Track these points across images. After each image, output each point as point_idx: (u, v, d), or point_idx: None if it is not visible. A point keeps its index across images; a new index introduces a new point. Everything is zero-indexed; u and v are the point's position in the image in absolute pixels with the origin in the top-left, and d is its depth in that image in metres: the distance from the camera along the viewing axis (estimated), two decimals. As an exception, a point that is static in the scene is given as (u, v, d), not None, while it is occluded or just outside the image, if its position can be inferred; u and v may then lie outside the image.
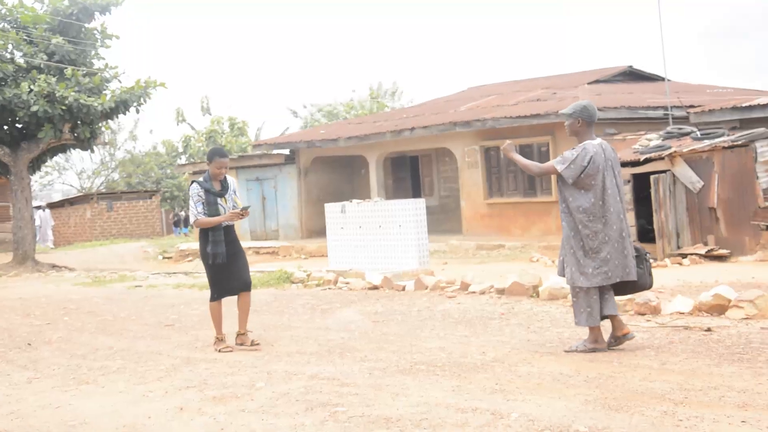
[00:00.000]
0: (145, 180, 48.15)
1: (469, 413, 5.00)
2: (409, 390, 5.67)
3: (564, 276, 6.91)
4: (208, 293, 13.32)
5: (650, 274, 7.00)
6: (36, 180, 49.56)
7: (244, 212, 7.64)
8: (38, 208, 36.07)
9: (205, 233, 7.74)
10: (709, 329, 7.26)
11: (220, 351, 7.63)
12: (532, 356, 6.63)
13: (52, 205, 38.55)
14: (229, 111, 64.19)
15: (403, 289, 11.36)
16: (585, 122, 6.88)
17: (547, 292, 9.48)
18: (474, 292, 10.35)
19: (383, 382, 5.93)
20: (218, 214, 7.69)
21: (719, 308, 7.92)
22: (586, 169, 6.67)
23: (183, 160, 46.60)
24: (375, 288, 11.89)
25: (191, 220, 7.78)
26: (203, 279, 15.34)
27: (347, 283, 12.28)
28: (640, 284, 6.98)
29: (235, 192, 7.92)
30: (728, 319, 7.72)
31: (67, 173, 50.43)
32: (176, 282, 15.11)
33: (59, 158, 47.36)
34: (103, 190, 45.02)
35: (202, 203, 7.67)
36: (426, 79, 79.65)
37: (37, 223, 33.77)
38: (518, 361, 6.46)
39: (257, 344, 7.76)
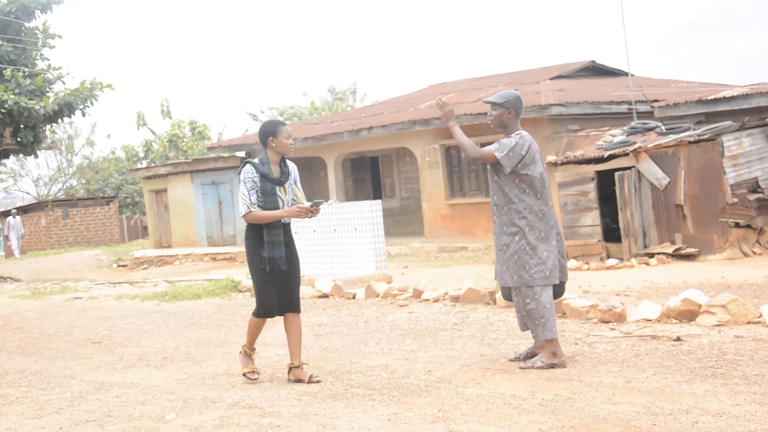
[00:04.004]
0: (105, 186, 47.01)
1: (403, 450, 4.28)
2: (340, 420, 4.94)
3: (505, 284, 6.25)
4: (150, 304, 12.73)
5: (565, 280, 6.41)
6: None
7: (315, 209, 5.97)
8: (7, 214, 34.56)
9: (258, 231, 6.05)
10: (678, 339, 6.59)
11: (245, 376, 6.21)
12: (483, 375, 5.91)
13: (2, 215, 37.32)
14: (189, 114, 63.13)
15: (354, 297, 10.63)
16: (515, 113, 6.25)
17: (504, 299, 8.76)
18: (427, 300, 9.64)
19: (311, 411, 5.19)
20: (275, 208, 6.02)
21: (689, 314, 7.28)
22: (524, 158, 6.07)
23: (144, 164, 45.50)
24: (325, 296, 11.16)
25: (242, 210, 5.98)
26: (148, 289, 14.54)
27: (296, 291, 11.51)
28: (559, 291, 6.37)
29: (296, 182, 6.23)
30: (699, 326, 7.07)
31: (23, 180, 49.11)
32: (119, 293, 14.26)
33: (14, 165, 46.21)
34: (62, 197, 43.83)
35: (256, 191, 6.00)
36: (388, 79, 79.04)
37: (5, 231, 32.27)
38: (467, 381, 5.74)
39: (317, 379, 6.05)
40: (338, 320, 9.03)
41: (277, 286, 6.07)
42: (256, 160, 6.09)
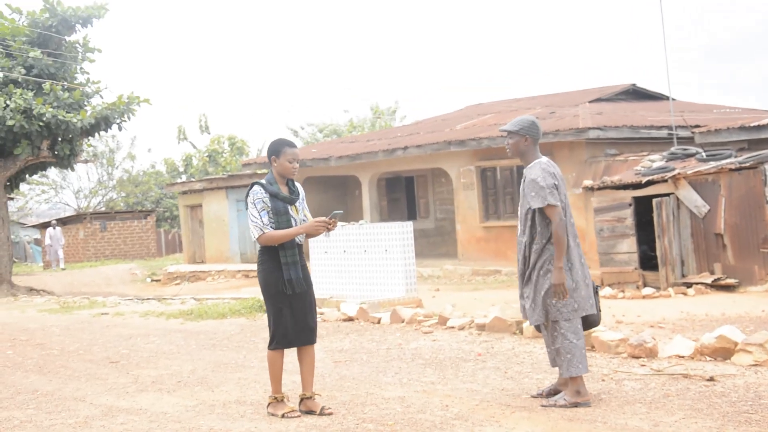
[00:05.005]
0: (144, 200, 47.31)
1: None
2: (347, 458, 4.69)
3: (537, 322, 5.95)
4: (175, 323, 12.58)
5: (600, 309, 6.08)
6: (32, 198, 48.89)
7: (332, 222, 5.71)
8: (47, 225, 34.73)
9: (273, 253, 5.77)
10: (711, 379, 6.25)
11: (283, 417, 5.75)
12: (502, 412, 5.63)
13: (42, 226, 37.65)
14: (231, 129, 63.47)
15: (379, 321, 10.39)
16: (532, 140, 5.98)
17: (532, 330, 8.47)
18: (453, 328, 9.36)
19: (318, 447, 4.96)
20: (289, 227, 5.80)
21: (724, 352, 6.93)
22: (557, 187, 5.82)
23: (183, 179, 45.70)
24: (350, 319, 10.93)
25: (254, 233, 5.75)
26: (175, 306, 14.42)
27: (321, 313, 11.30)
28: (594, 320, 6.05)
29: (303, 199, 6.04)
30: (734, 365, 6.72)
31: (64, 192, 49.60)
32: (146, 309, 14.15)
33: (56, 176, 46.70)
34: (101, 210, 44.17)
35: (268, 212, 5.78)
36: (428, 100, 78.82)
37: (47, 242, 32.50)
38: (484, 418, 5.47)
39: (329, 411, 5.83)
40: (360, 346, 8.79)
41: (294, 313, 5.79)
42: (263, 181, 5.89)
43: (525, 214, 5.94)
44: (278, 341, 5.81)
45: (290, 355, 8.15)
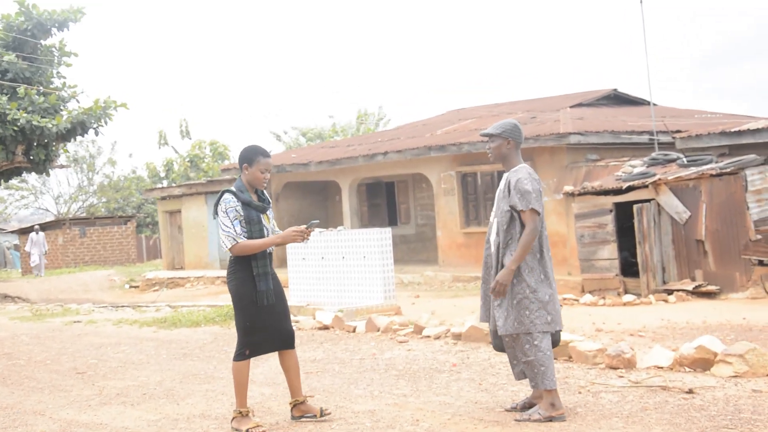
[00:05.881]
0: (126, 205, 46.89)
1: None
2: (310, 477, 4.49)
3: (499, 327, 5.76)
4: (147, 331, 12.32)
5: (560, 329, 5.93)
6: (11, 203, 48.35)
7: (308, 232, 5.56)
8: (27, 230, 33.94)
9: (246, 264, 5.60)
10: (690, 391, 6.08)
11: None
12: (474, 426, 5.44)
13: (21, 231, 37.18)
14: (213, 134, 63.11)
15: (354, 330, 10.18)
16: (514, 143, 5.80)
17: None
18: (428, 337, 9.15)
19: (281, 465, 4.75)
20: (262, 236, 5.62)
21: (703, 363, 6.76)
22: (540, 194, 5.67)
23: (165, 184, 45.30)
24: (325, 328, 10.71)
25: (226, 243, 5.56)
26: (149, 314, 14.16)
27: (297, 321, 11.09)
28: (556, 339, 5.87)
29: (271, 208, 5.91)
30: (714, 376, 6.56)
31: (44, 197, 49.10)
32: (119, 317, 13.88)
33: (36, 182, 46.19)
34: (81, 215, 43.73)
35: (240, 221, 5.58)
36: (411, 104, 78.81)
37: (28, 248, 31.63)
38: (455, 434, 5.28)
39: (327, 412, 5.79)
40: (333, 356, 8.58)
41: (268, 322, 5.62)
42: (233, 188, 5.68)
43: (502, 216, 5.73)
44: (246, 349, 5.61)
45: (260, 366, 7.96)
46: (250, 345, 5.62)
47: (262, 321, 5.61)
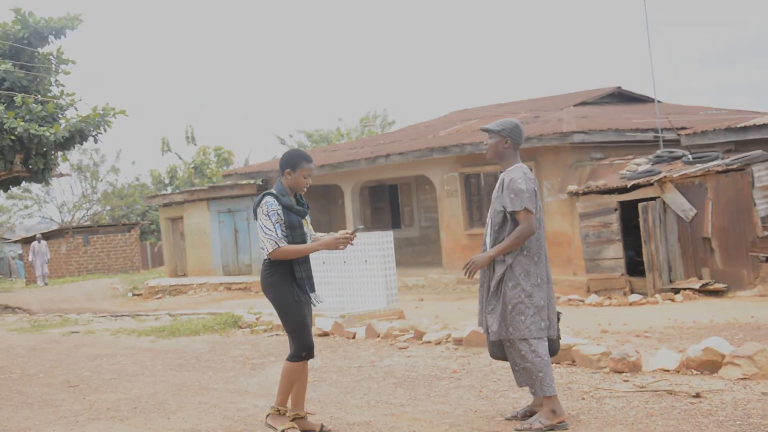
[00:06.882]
0: (130, 213, 46.75)
1: None
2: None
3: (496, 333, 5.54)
4: (145, 341, 12.10)
5: (560, 337, 5.76)
6: (15, 212, 48.25)
7: (353, 237, 5.54)
8: (31, 239, 33.58)
9: (284, 267, 5.45)
10: (697, 395, 5.85)
11: None
12: (472, 437, 5.22)
13: (25, 241, 37.02)
14: (219, 140, 62.96)
15: (354, 336, 9.95)
16: (513, 143, 5.59)
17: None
18: (429, 342, 8.93)
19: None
20: (303, 241, 5.47)
21: (711, 365, 6.53)
22: (536, 194, 5.45)
23: (169, 191, 45.13)
24: (325, 335, 10.49)
25: (268, 247, 5.38)
26: (148, 323, 13.97)
27: (296, 328, 10.86)
28: (555, 348, 5.64)
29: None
30: (722, 379, 6.32)
31: (47, 206, 48.99)
32: (117, 327, 13.68)
33: (39, 191, 46.08)
34: (85, 224, 43.60)
35: (281, 225, 5.43)
36: (416, 106, 78.67)
37: (30, 257, 31.36)
38: (452, 445, 5.05)
39: (327, 429, 5.66)
40: (331, 364, 8.36)
41: (309, 324, 5.58)
42: (274, 191, 5.53)
43: (494, 216, 5.53)
44: (304, 351, 5.50)
45: (256, 376, 7.75)
46: (307, 347, 5.50)
47: (306, 323, 5.53)
